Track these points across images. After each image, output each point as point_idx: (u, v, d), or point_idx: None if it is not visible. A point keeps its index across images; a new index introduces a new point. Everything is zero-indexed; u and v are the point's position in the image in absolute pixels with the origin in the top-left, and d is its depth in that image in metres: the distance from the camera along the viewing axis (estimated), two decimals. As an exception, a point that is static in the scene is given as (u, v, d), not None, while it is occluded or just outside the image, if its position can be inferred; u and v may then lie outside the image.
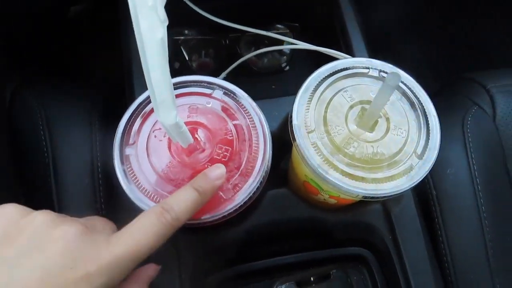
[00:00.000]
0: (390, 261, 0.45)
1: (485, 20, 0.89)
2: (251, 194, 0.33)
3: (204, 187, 0.29)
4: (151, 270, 0.30)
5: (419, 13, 0.97)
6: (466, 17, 0.92)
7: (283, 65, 0.64)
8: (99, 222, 0.29)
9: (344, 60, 0.38)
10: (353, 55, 0.52)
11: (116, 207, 0.47)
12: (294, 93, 0.37)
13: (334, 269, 0.45)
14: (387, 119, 0.36)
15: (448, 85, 0.60)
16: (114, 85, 0.55)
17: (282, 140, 0.43)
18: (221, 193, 0.32)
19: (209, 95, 0.36)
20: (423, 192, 0.49)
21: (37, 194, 0.47)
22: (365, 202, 0.45)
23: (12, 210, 0.26)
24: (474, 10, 0.91)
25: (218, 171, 0.30)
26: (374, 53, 0.53)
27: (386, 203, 0.46)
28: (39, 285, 0.23)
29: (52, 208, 0.46)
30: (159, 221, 0.26)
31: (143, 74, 0.24)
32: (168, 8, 0.21)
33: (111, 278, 0.24)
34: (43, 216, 0.26)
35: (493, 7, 0.87)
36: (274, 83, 0.64)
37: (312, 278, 0.45)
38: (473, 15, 0.91)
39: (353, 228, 0.46)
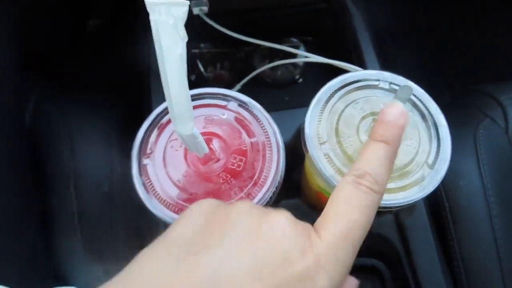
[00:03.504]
0: (403, 272, 0.45)
1: (494, 31, 0.89)
2: (264, 204, 0.34)
3: (389, 134, 0.23)
4: (353, 285, 0.26)
5: (429, 23, 0.97)
6: (476, 26, 0.92)
7: (297, 77, 0.65)
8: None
9: (355, 73, 0.39)
10: (365, 68, 0.52)
11: (133, 216, 0.48)
12: (307, 104, 0.38)
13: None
14: (398, 131, 0.37)
15: (459, 97, 0.60)
16: (132, 96, 0.57)
17: (295, 151, 0.44)
18: (235, 203, 0.33)
19: (224, 107, 0.38)
20: (435, 204, 0.49)
21: (57, 203, 0.48)
22: (377, 213, 0.45)
23: (211, 202, 0.23)
24: (486, 20, 0.91)
25: (394, 109, 0.24)
26: (383, 64, 0.53)
27: (398, 214, 0.46)
28: (252, 278, 0.19)
29: (72, 216, 0.47)
30: (359, 190, 0.22)
31: (160, 86, 0.25)
32: (185, 22, 0.22)
33: (335, 274, 0.20)
34: (245, 204, 0.23)
35: (502, 19, 0.87)
36: (288, 95, 0.65)
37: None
38: (483, 26, 0.91)
39: (365, 238, 0.46)
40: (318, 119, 0.37)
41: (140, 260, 0.21)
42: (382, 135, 0.23)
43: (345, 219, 0.21)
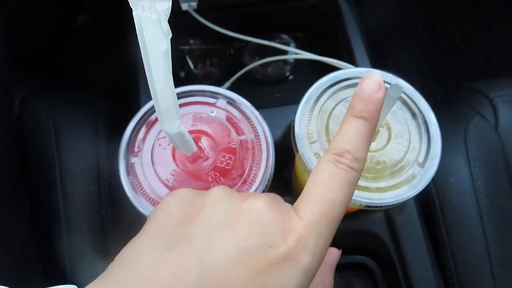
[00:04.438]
0: (393, 270, 0.45)
1: (489, 29, 0.89)
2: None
3: (368, 109, 0.22)
4: (335, 254, 0.27)
5: (422, 20, 0.98)
6: (470, 25, 0.92)
7: (287, 74, 0.64)
8: (272, 194, 0.25)
9: (345, 71, 0.39)
10: (356, 65, 0.52)
11: (121, 215, 0.48)
12: (298, 102, 0.37)
13: (337, 277, 0.45)
14: (389, 129, 0.37)
15: (450, 94, 0.60)
16: (120, 94, 0.56)
17: (286, 149, 0.44)
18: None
19: (213, 104, 0.37)
20: (425, 201, 0.49)
21: (43, 201, 0.48)
22: (368, 211, 0.45)
23: (186, 191, 0.23)
24: (479, 19, 0.91)
25: (371, 81, 0.23)
26: (376, 61, 0.53)
27: (389, 212, 0.46)
28: (237, 267, 0.19)
29: (58, 216, 0.47)
30: (338, 169, 0.21)
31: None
32: (174, 19, 0.22)
33: (317, 250, 0.20)
34: (220, 190, 0.22)
35: (497, 16, 0.88)
36: (278, 92, 0.64)
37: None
38: (477, 24, 0.91)
39: (356, 236, 0.46)
40: (308, 117, 0.36)
41: (121, 258, 0.21)
42: (361, 111, 0.22)
43: (326, 198, 0.21)
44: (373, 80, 0.23)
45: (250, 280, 0.19)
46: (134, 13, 0.21)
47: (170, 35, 0.22)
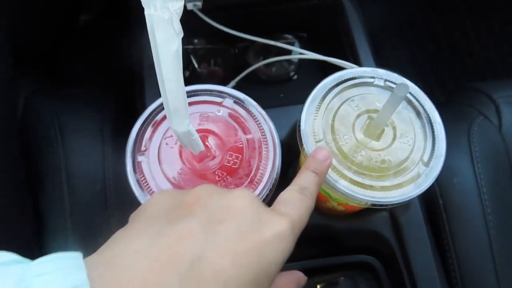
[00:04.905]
0: (397, 269, 0.45)
1: (489, 29, 0.90)
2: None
3: (319, 169, 0.30)
4: (302, 278, 0.31)
5: (422, 20, 0.98)
6: (470, 25, 0.92)
7: (291, 74, 0.64)
8: None
9: (350, 70, 0.39)
10: (359, 64, 0.52)
11: (126, 214, 0.48)
12: (302, 101, 0.37)
13: (342, 277, 0.46)
14: (394, 128, 0.37)
15: (453, 95, 0.61)
16: (124, 93, 0.56)
17: (290, 148, 0.44)
18: (230, 200, 0.33)
19: (219, 104, 0.37)
20: (430, 201, 0.49)
21: (48, 200, 0.48)
22: (372, 210, 0.45)
23: (173, 190, 0.28)
24: (479, 19, 0.91)
25: (323, 152, 0.31)
26: (377, 61, 0.53)
27: (394, 211, 0.46)
28: (237, 243, 0.21)
29: (64, 215, 0.47)
30: (304, 196, 0.27)
31: (155, 83, 0.24)
32: (179, 18, 0.22)
33: (290, 244, 0.24)
34: (209, 186, 0.25)
35: (497, 17, 0.88)
36: (282, 92, 0.64)
37: (319, 286, 0.45)
38: (477, 24, 0.91)
39: (361, 235, 0.46)
40: (314, 116, 0.37)
41: (117, 236, 0.23)
42: (314, 168, 0.30)
43: (299, 209, 0.26)
44: (324, 151, 0.31)
45: (250, 246, 0.21)
46: (146, 13, 0.21)
47: (182, 35, 0.22)
